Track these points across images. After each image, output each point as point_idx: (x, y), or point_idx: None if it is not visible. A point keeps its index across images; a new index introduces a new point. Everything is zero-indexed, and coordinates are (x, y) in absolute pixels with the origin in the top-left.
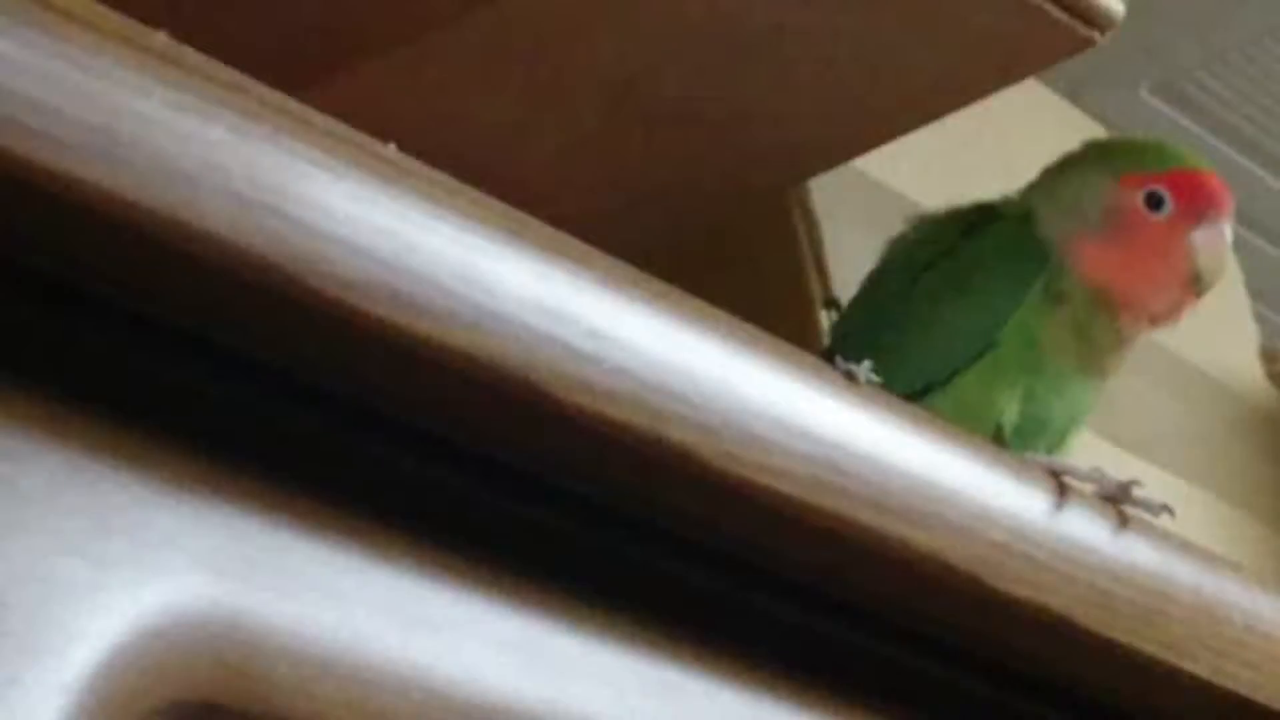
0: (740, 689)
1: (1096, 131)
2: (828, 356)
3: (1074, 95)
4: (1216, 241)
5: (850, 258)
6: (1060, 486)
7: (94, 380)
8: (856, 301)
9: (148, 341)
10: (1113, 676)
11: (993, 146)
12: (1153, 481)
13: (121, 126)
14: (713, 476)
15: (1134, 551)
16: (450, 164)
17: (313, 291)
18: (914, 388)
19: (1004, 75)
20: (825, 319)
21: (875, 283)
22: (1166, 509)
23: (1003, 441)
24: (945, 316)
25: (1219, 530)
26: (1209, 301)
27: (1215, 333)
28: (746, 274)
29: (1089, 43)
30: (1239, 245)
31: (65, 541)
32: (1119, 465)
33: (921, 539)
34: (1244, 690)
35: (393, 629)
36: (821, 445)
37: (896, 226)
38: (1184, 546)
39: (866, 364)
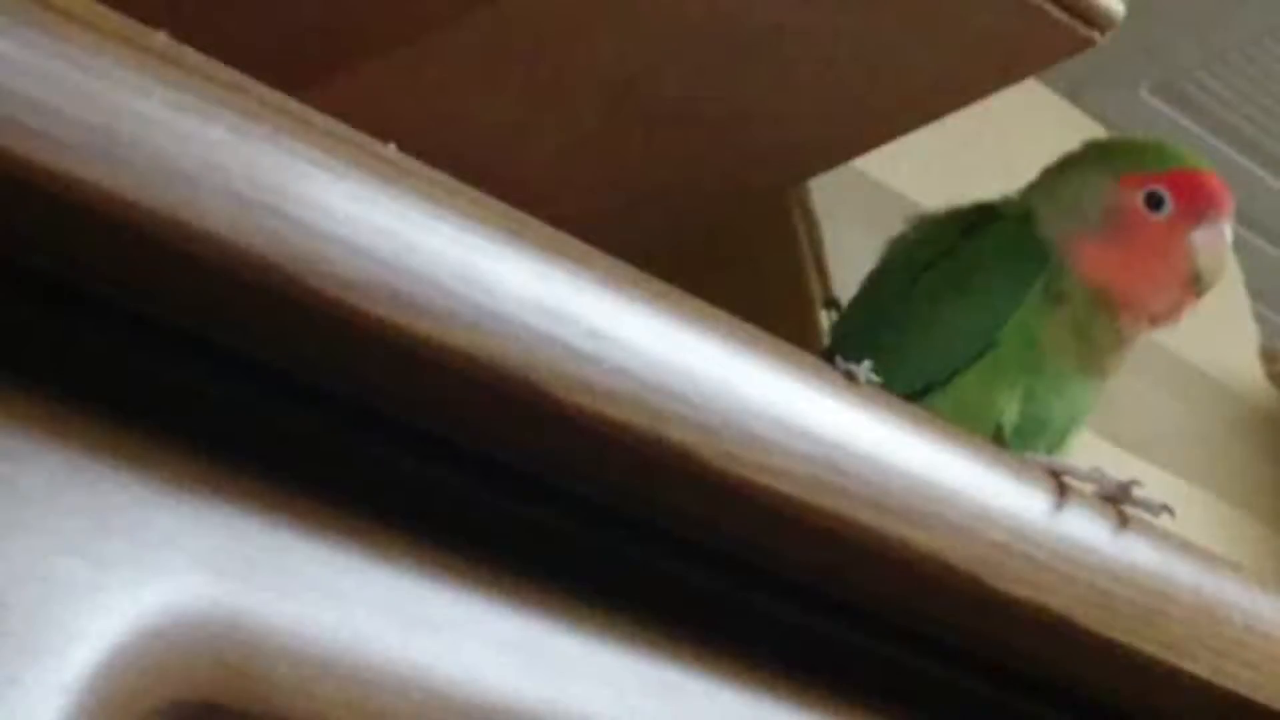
0: (740, 689)
1: (1096, 131)
2: (828, 356)
3: (1074, 95)
4: (1216, 241)
5: (850, 258)
6: (1060, 486)
7: (94, 380)
8: (856, 301)
9: (148, 341)
10: (1113, 676)
11: (993, 146)
12: (1153, 481)
13: (121, 126)
14: (713, 476)
15: (1134, 551)
16: (450, 164)
17: (313, 291)
18: (914, 388)
19: (1004, 75)
20: (825, 319)
21: (875, 283)
22: (1166, 509)
23: (1003, 441)
24: (945, 316)
25: (1219, 530)
26: (1209, 301)
27: (1215, 333)
28: (746, 274)
29: (1089, 43)
30: (1239, 245)
31: (65, 541)
32: (1119, 465)
33: (921, 539)
34: (1244, 690)
35: (393, 629)
36: (821, 445)
37: (896, 226)
38: (1184, 546)
39: (866, 364)
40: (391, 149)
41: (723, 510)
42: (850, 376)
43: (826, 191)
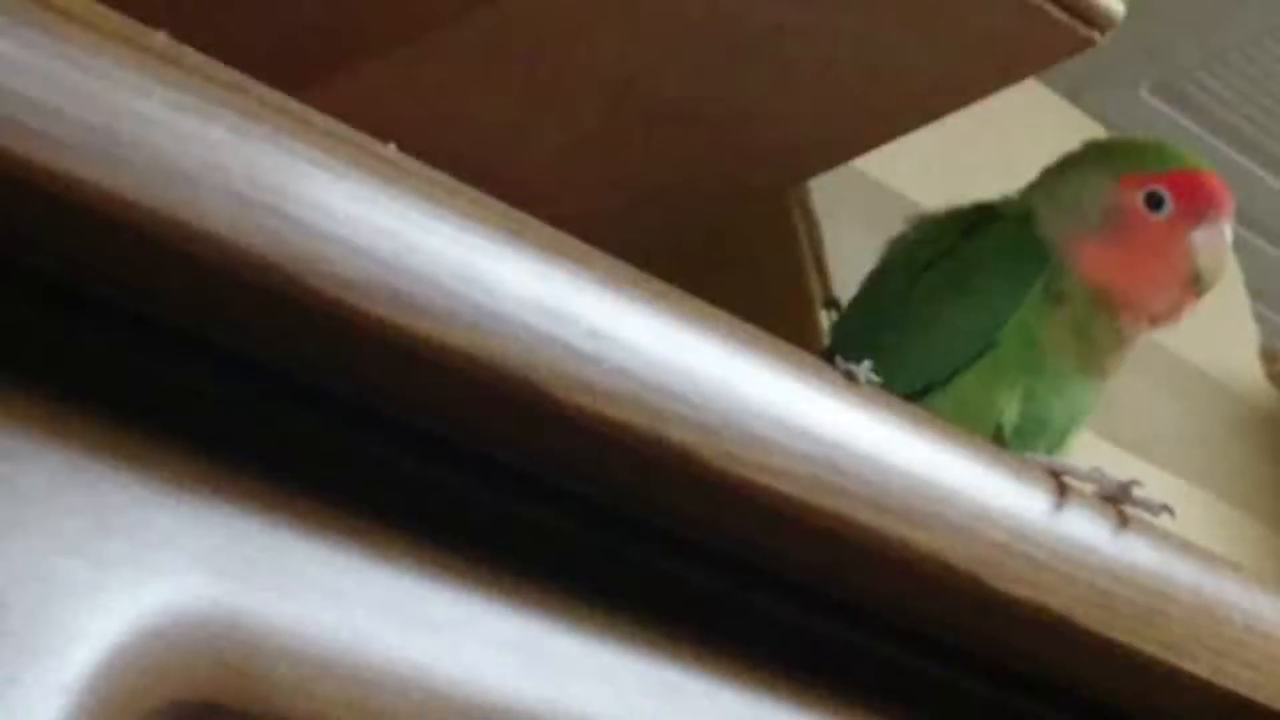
0: (740, 689)
1: (1096, 131)
2: (828, 356)
3: (1074, 95)
4: (1216, 241)
5: (850, 258)
6: (1060, 486)
7: (94, 380)
8: (856, 301)
9: (148, 341)
10: (1113, 676)
11: (993, 146)
12: (1153, 481)
13: (121, 126)
14: (713, 476)
15: (1134, 551)
16: (450, 164)
17: (313, 291)
18: (914, 388)
19: (1004, 75)
20: (825, 319)
21: (875, 283)
22: (1166, 509)
23: (1003, 441)
24: (945, 316)
25: (1219, 530)
26: (1209, 301)
27: (1215, 333)
28: (746, 274)
29: (1089, 43)
30: (1239, 245)
31: (65, 541)
32: (1119, 465)
33: (922, 539)
34: (1244, 690)
35: (393, 629)
36: (821, 445)
37: (896, 226)
38: (1184, 546)
39: (866, 364)
40: (391, 149)
41: (723, 510)
42: (850, 376)
43: (826, 191)
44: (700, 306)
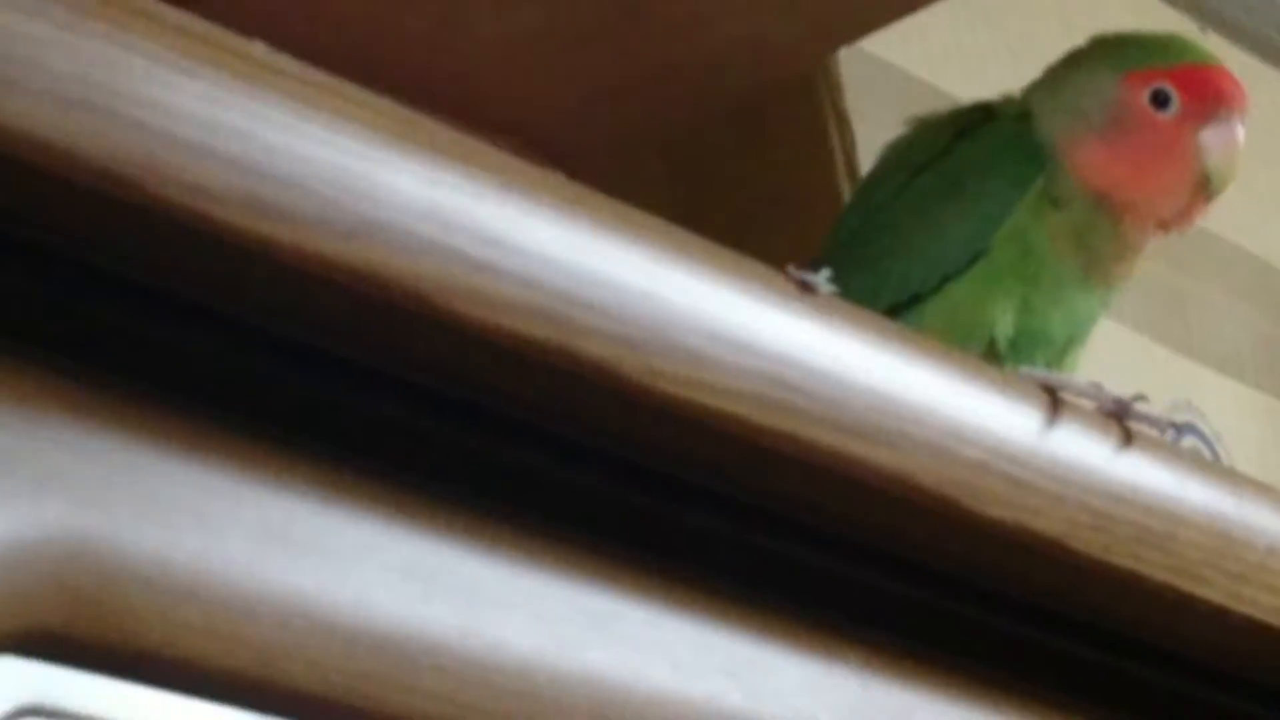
0: (684, 617)
1: (1191, 29)
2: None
3: None
4: (1228, 140)
5: None
6: (1054, 402)
7: None
8: (850, 207)
9: None
10: (1115, 602)
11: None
12: (1227, 394)
13: None
14: (635, 393)
15: (1139, 471)
16: (376, 69)
17: (157, 197)
18: (901, 298)
19: None
20: None
21: (869, 187)
22: (1173, 425)
23: (997, 356)
24: (935, 220)
25: None
26: None
27: None
28: (774, 175)
29: None
30: None
31: None
32: (1186, 377)
33: (885, 458)
34: (1265, 616)
35: (272, 555)
36: (767, 359)
37: None
38: (1199, 465)
39: (825, 272)
40: (258, 46)
41: (648, 428)
42: (806, 287)
43: (860, 89)
44: (622, 210)
